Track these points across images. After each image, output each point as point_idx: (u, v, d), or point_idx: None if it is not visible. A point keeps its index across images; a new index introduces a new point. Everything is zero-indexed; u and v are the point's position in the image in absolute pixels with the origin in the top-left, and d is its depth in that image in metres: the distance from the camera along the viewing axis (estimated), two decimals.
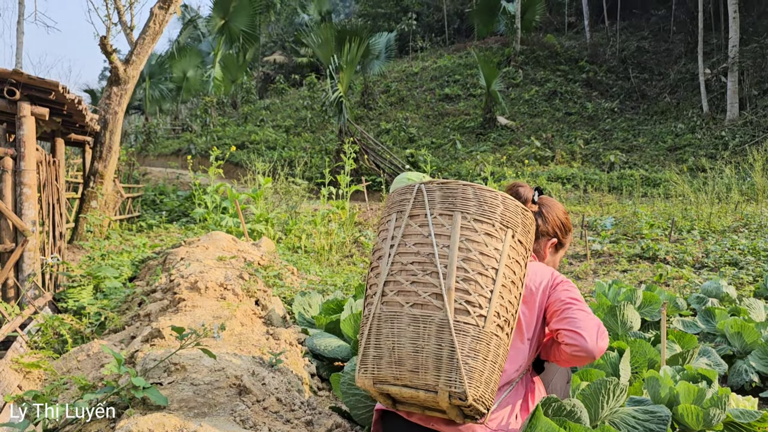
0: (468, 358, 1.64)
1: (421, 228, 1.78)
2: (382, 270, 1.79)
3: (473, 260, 1.71)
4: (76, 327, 3.78)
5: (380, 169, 17.22)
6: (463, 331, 1.65)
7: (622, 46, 27.82)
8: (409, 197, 1.84)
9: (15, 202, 5.05)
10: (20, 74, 4.81)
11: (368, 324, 1.77)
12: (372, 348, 1.74)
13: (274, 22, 41.56)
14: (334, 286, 5.41)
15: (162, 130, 29.61)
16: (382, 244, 1.86)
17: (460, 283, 1.68)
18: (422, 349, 1.65)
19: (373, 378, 1.72)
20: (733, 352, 3.53)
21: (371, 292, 1.83)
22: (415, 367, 1.65)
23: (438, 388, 1.62)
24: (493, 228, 1.77)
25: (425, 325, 1.67)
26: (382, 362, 1.71)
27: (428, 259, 1.72)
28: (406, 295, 1.72)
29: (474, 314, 1.68)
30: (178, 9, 10.18)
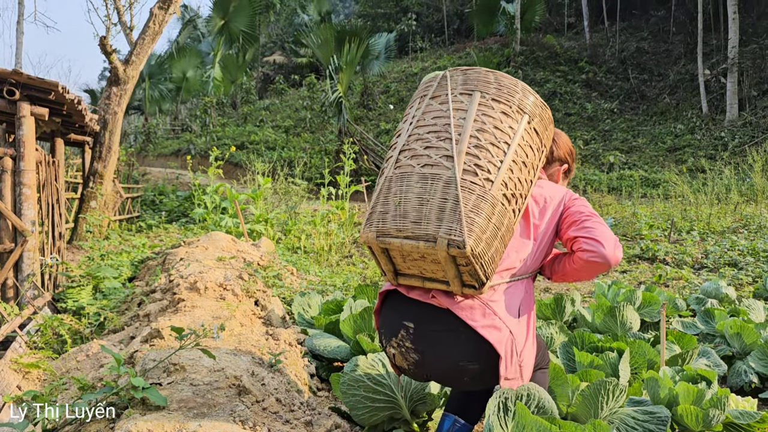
0: (471, 212, 1.68)
1: (441, 105, 1.87)
2: (399, 143, 1.87)
3: (487, 131, 1.77)
4: (75, 327, 3.78)
5: (380, 170, 17.24)
6: (469, 189, 1.70)
7: (621, 46, 27.84)
8: (434, 83, 1.95)
9: (14, 203, 5.05)
10: (20, 74, 4.81)
11: (379, 187, 1.83)
12: (380, 205, 1.80)
13: (273, 23, 41.56)
14: (334, 287, 5.41)
15: (161, 130, 29.61)
16: (402, 125, 1.93)
17: (471, 149, 1.74)
18: (427, 203, 1.71)
19: (376, 231, 1.76)
20: (732, 353, 3.53)
21: (386, 163, 1.89)
22: (417, 219, 1.70)
23: (438, 237, 1.65)
24: (510, 109, 1.84)
25: (433, 182, 1.73)
26: (388, 216, 1.76)
27: (444, 129, 1.79)
28: (419, 158, 1.79)
29: (481, 176, 1.73)
30: (177, 9, 10.18)
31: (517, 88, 1.87)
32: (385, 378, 2.51)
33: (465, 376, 1.83)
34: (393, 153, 1.87)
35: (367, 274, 6.51)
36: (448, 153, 1.74)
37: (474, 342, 1.79)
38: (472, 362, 1.81)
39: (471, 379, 1.84)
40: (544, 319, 4.00)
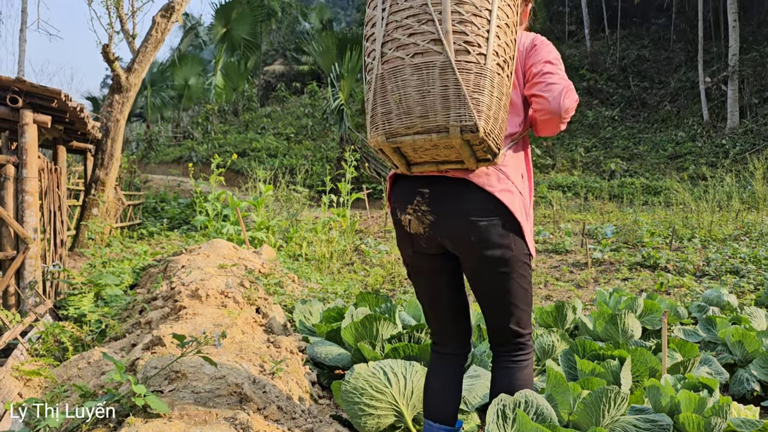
0: (474, 93, 1.66)
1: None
2: (377, 34, 1.78)
3: (466, 3, 1.68)
4: (76, 335, 3.78)
5: (381, 177, 17.24)
6: (465, 70, 1.67)
7: (622, 54, 27.92)
8: None
9: (16, 210, 5.06)
10: (23, 82, 4.84)
11: (372, 87, 1.78)
12: (379, 106, 1.76)
13: (275, 31, 41.73)
14: (335, 294, 5.41)
15: (163, 137, 29.70)
16: (373, 12, 1.83)
17: (456, 26, 1.67)
18: (428, 93, 1.67)
19: (385, 133, 1.74)
20: (734, 361, 3.52)
21: (370, 58, 1.81)
22: (424, 112, 1.68)
23: (449, 126, 1.65)
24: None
25: (428, 71, 1.68)
26: (392, 116, 1.73)
27: (422, 10, 1.70)
28: (405, 48, 1.71)
29: (474, 53, 1.68)
30: (179, 18, 10.23)
31: None
32: (386, 386, 2.51)
33: (475, 234, 1.83)
34: (374, 46, 1.78)
35: (369, 282, 6.51)
36: (435, 36, 1.67)
37: (487, 202, 1.84)
38: (483, 219, 1.83)
39: (479, 239, 1.84)
40: (545, 327, 4.00)
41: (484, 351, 3.13)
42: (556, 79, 1.86)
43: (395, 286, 6.39)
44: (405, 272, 6.85)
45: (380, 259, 7.77)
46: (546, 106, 1.84)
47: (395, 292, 6.12)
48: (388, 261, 7.56)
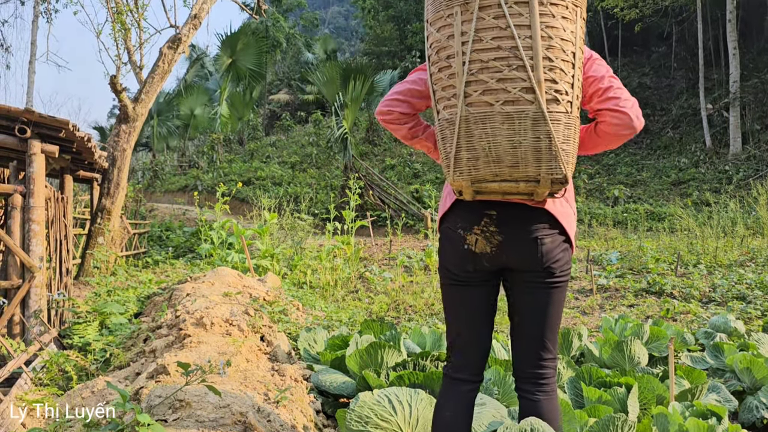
0: (563, 144, 1.70)
1: (497, 20, 1.69)
2: (458, 70, 1.74)
3: (556, 47, 1.69)
4: (81, 364, 3.78)
5: (385, 205, 17.29)
6: (556, 120, 1.69)
7: (623, 82, 28.10)
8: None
9: (23, 239, 5.09)
10: (31, 113, 4.91)
11: (456, 129, 1.76)
12: (465, 151, 1.76)
13: (280, 61, 42.32)
14: (340, 322, 5.39)
15: (169, 166, 29.91)
16: (448, 42, 1.77)
17: (547, 74, 1.68)
18: (520, 145, 1.69)
19: (471, 179, 1.77)
20: (743, 388, 3.48)
21: (447, 94, 1.80)
22: (514, 163, 1.70)
23: (540, 177, 1.71)
24: (567, 10, 1.73)
25: (520, 121, 1.68)
26: (479, 162, 1.74)
27: (512, 53, 1.67)
28: (494, 93, 1.70)
29: (563, 102, 1.71)
30: (186, 49, 10.40)
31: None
32: (392, 414, 2.49)
33: (540, 251, 1.92)
34: (455, 83, 1.75)
35: (373, 309, 6.49)
36: (527, 85, 1.66)
37: (552, 223, 1.93)
38: (547, 237, 1.92)
39: (543, 255, 1.93)
40: None
41: (490, 378, 3.11)
42: (627, 95, 1.88)
43: (400, 314, 6.37)
44: (409, 300, 6.83)
45: (385, 287, 7.75)
46: (627, 121, 1.84)
47: (400, 319, 6.10)
48: (392, 288, 7.54)
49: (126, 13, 10.53)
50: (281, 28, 38.81)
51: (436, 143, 2.09)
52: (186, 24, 10.35)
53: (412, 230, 15.56)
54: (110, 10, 10.49)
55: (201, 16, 10.53)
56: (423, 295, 7.09)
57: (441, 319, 5.94)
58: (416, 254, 10.33)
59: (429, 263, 8.91)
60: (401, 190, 18.76)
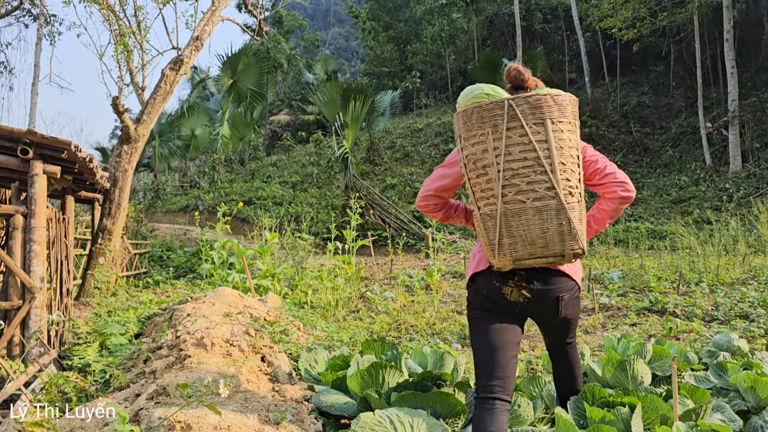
0: (579, 226, 2.28)
1: (522, 137, 2.24)
2: (494, 176, 2.28)
3: (566, 154, 2.27)
4: (80, 385, 3.75)
5: (386, 224, 17.29)
6: (572, 209, 2.27)
7: (622, 101, 28.32)
8: (501, 112, 2.26)
9: (24, 259, 5.09)
10: (34, 134, 4.94)
11: (497, 221, 2.30)
12: (506, 237, 2.29)
13: (281, 82, 42.67)
14: (341, 342, 5.37)
15: (170, 186, 30.00)
16: (483, 155, 2.31)
17: (563, 175, 2.25)
18: (548, 230, 2.25)
19: (512, 259, 2.30)
20: (747, 408, 3.45)
21: (486, 194, 2.33)
22: (544, 244, 2.26)
23: (564, 253, 2.28)
24: (569, 124, 2.30)
25: (546, 212, 2.24)
26: (518, 246, 2.28)
27: (536, 162, 2.23)
28: (525, 193, 2.25)
29: (575, 194, 2.30)
30: (188, 70, 10.49)
31: (567, 101, 2.31)
32: None
33: (560, 305, 2.50)
34: (492, 186, 2.29)
35: (374, 329, 6.46)
36: (549, 185, 2.23)
37: (568, 281, 2.51)
38: (566, 294, 2.50)
39: (563, 308, 2.52)
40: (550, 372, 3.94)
41: None
42: (621, 173, 2.50)
43: (401, 334, 6.34)
44: (410, 319, 6.81)
45: (386, 306, 7.73)
46: (626, 186, 2.46)
47: (401, 339, 6.07)
48: (393, 308, 7.52)
49: (128, 35, 10.64)
50: (282, 50, 39.18)
51: (466, 217, 2.79)
52: (188, 46, 10.45)
53: (413, 249, 15.55)
54: (113, 32, 10.61)
55: (203, 38, 10.64)
56: (424, 315, 7.06)
57: (442, 339, 5.91)
58: (417, 273, 10.31)
59: (430, 282, 8.89)
60: (402, 210, 18.78)
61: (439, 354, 3.89)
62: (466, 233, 16.92)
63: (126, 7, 10.87)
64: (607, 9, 24.73)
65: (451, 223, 2.88)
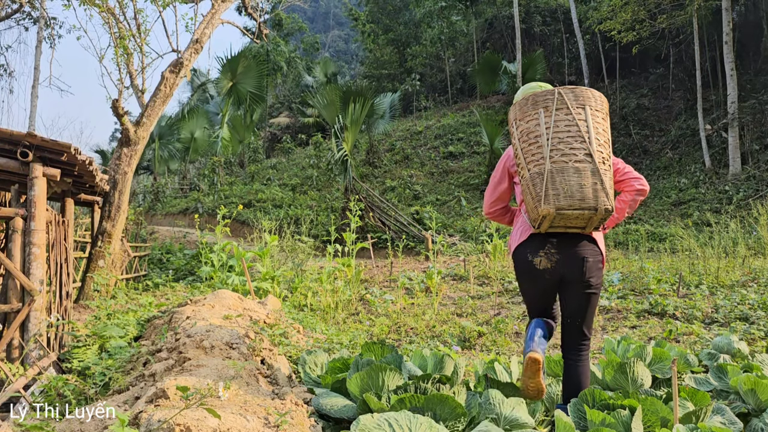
0: (608, 188, 2.81)
1: (567, 116, 2.89)
2: (544, 143, 2.88)
3: (601, 133, 2.91)
4: (80, 388, 3.75)
5: (386, 227, 17.29)
6: (604, 173, 2.83)
7: (622, 103, 28.34)
8: (552, 97, 2.93)
9: (23, 262, 5.09)
10: (33, 137, 4.94)
11: (545, 176, 2.83)
12: (551, 190, 2.81)
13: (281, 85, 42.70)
14: (341, 345, 5.36)
15: (170, 189, 30.01)
16: (536, 128, 2.93)
17: (598, 147, 2.86)
18: (584, 187, 2.78)
19: (556, 207, 2.79)
20: (747, 410, 3.45)
21: (536, 158, 2.90)
22: (582, 197, 2.78)
23: (597, 207, 2.78)
24: (604, 114, 2.98)
25: (584, 173, 2.80)
26: (560, 197, 2.79)
27: (577, 134, 2.85)
28: (567, 156, 2.83)
29: (606, 164, 2.87)
30: (188, 73, 10.50)
31: (602, 98, 3.00)
32: None
33: (585, 267, 3.00)
34: (542, 151, 2.87)
35: (374, 332, 6.45)
36: (587, 151, 2.82)
37: (594, 247, 3.04)
38: (590, 258, 3.01)
39: (587, 270, 3.01)
40: (553, 376, 3.94)
41: (491, 401, 3.08)
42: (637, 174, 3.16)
43: (401, 336, 6.34)
44: (410, 322, 6.82)
45: (386, 309, 7.72)
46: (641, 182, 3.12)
47: (401, 342, 6.06)
48: (393, 310, 7.51)
49: (128, 38, 10.65)
50: (282, 52, 39.22)
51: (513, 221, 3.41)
52: (188, 48, 10.46)
53: (413, 252, 15.54)
54: (113, 35, 10.61)
55: (202, 41, 10.65)
56: (424, 317, 7.06)
57: (442, 342, 5.91)
58: (417, 276, 10.31)
59: (430, 285, 8.89)
60: (402, 212, 18.78)
61: (439, 356, 3.89)
62: (466, 236, 16.91)
63: (126, 10, 10.88)
64: (607, 11, 24.76)
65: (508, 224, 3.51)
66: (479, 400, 3.06)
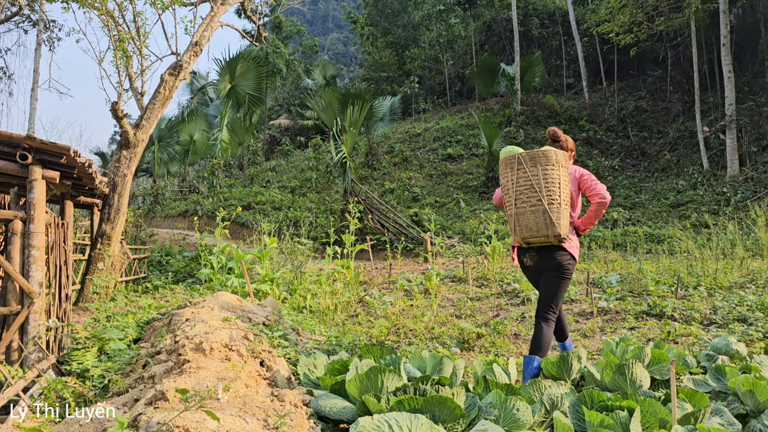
0: (558, 220, 3.99)
1: (525, 174, 4.08)
2: (512, 194, 4.15)
3: (550, 182, 4.02)
4: (79, 390, 3.75)
5: (384, 229, 17.29)
6: (551, 211, 3.99)
7: (620, 105, 28.39)
8: (514, 161, 4.14)
9: (22, 264, 5.09)
10: (33, 139, 4.94)
11: (513, 218, 4.15)
12: (517, 226, 4.13)
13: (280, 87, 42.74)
14: (340, 347, 5.36)
15: (169, 191, 30.00)
16: (507, 183, 4.20)
17: (547, 193, 4.00)
18: (538, 222, 4.02)
19: (521, 237, 4.13)
20: (746, 411, 3.45)
21: (508, 203, 4.21)
22: (537, 229, 4.03)
23: (548, 234, 4.02)
24: (554, 167, 4.04)
25: (537, 213, 4.02)
26: (523, 230, 4.10)
27: (531, 187, 4.04)
28: (525, 202, 4.06)
29: (554, 203, 4.00)
30: (187, 75, 10.51)
31: (552, 155, 4.06)
32: None
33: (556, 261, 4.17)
34: (511, 200, 4.17)
35: (373, 334, 6.46)
36: (538, 198, 4.02)
37: (561, 249, 4.17)
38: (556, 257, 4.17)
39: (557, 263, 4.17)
40: (552, 378, 3.95)
41: (491, 402, 3.09)
42: (599, 185, 4.23)
43: (400, 338, 6.34)
44: (409, 323, 6.83)
45: (385, 311, 7.73)
46: (605, 201, 4.20)
47: (400, 343, 6.07)
48: (392, 312, 7.52)
49: (128, 41, 10.67)
50: (281, 54, 39.25)
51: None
52: (187, 51, 10.47)
53: (411, 254, 15.54)
54: (112, 37, 10.63)
55: (202, 43, 10.66)
56: (423, 319, 7.06)
57: (441, 343, 5.92)
58: (416, 278, 10.31)
59: (429, 287, 8.90)
60: (401, 214, 18.78)
61: (438, 358, 3.89)
62: (464, 237, 16.92)
63: (125, 13, 10.89)
64: (605, 14, 24.82)
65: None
66: (478, 402, 3.07)
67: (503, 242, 12.47)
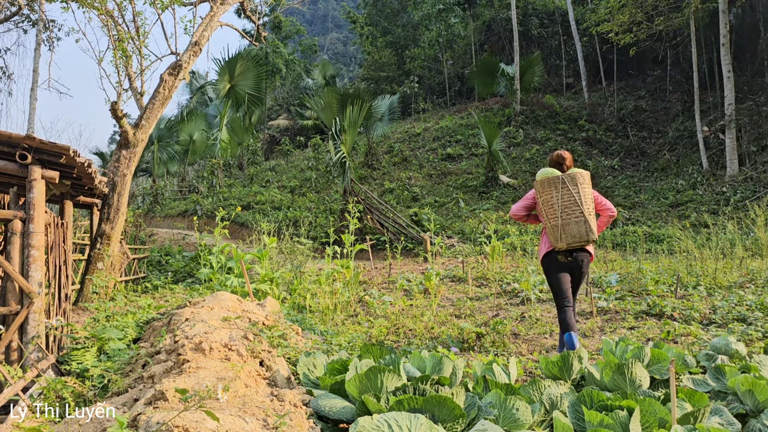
0: (593, 227, 5.03)
1: (568, 192, 5.06)
2: (557, 208, 5.07)
3: (587, 199, 5.07)
4: (78, 390, 3.75)
5: (384, 228, 17.29)
6: (591, 221, 5.01)
7: (620, 105, 28.40)
8: (558, 181, 5.08)
9: (22, 264, 5.09)
10: (32, 139, 4.94)
11: (559, 225, 5.05)
12: (562, 234, 5.03)
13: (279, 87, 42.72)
14: (339, 346, 5.37)
15: (169, 191, 29.99)
16: (551, 199, 5.11)
17: (586, 207, 5.03)
18: (580, 231, 5.01)
19: (567, 244, 5.05)
20: (745, 411, 3.45)
21: (553, 216, 5.09)
22: (579, 236, 5.01)
23: (588, 239, 5.03)
24: (587, 186, 5.10)
25: (579, 222, 5.00)
26: (568, 237, 5.03)
27: (574, 202, 5.03)
28: (570, 214, 5.03)
29: (592, 215, 5.08)
30: (187, 75, 10.51)
31: (587, 176, 5.14)
32: None
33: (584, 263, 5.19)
34: (556, 212, 5.07)
35: (373, 333, 6.46)
36: (580, 210, 5.02)
37: (587, 254, 5.21)
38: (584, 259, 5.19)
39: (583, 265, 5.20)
40: (552, 378, 3.95)
41: (490, 402, 3.09)
42: (610, 204, 5.25)
43: (399, 338, 6.34)
44: (409, 323, 6.83)
45: (384, 310, 7.73)
46: (614, 214, 5.29)
47: (399, 343, 6.07)
48: (392, 312, 7.52)
49: (127, 41, 10.66)
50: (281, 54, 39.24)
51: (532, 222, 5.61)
52: (186, 51, 10.47)
53: (411, 254, 15.55)
54: (112, 37, 10.63)
55: (201, 43, 10.66)
56: (423, 319, 7.06)
57: (441, 343, 5.92)
58: (416, 278, 10.31)
59: (428, 286, 8.90)
60: (400, 214, 18.78)
61: (438, 358, 3.90)
62: (464, 237, 16.93)
63: (124, 13, 10.89)
64: (604, 14, 24.82)
65: (525, 223, 5.78)
66: (478, 402, 3.07)
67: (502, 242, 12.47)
